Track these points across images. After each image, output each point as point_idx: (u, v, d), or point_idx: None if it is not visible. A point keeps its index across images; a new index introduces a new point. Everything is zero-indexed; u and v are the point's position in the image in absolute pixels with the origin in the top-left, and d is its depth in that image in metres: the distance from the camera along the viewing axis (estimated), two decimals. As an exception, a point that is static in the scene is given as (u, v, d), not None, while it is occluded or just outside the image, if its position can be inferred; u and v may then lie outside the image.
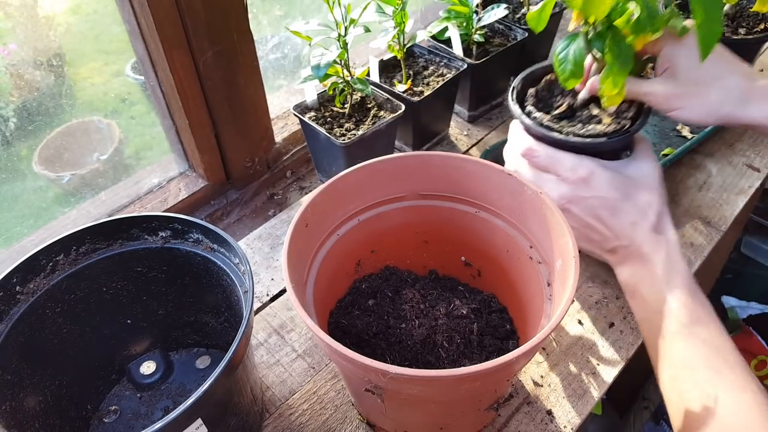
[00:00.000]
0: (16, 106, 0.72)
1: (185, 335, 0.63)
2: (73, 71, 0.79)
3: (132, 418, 0.58)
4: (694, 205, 0.78)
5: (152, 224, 0.54)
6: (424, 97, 0.77)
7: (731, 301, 1.10)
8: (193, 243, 0.54)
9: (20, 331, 0.49)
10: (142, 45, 0.67)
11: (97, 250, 0.54)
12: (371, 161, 0.56)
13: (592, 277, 0.69)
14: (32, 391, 0.51)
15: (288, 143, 0.88)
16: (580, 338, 0.63)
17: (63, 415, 0.55)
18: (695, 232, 0.74)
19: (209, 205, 0.82)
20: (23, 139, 0.74)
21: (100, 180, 0.80)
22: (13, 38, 0.71)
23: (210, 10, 0.66)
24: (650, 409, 1.23)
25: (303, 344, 0.64)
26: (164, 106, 0.74)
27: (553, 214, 0.50)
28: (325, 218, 0.56)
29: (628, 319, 0.65)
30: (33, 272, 0.50)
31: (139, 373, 0.60)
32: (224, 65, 0.71)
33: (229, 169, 0.82)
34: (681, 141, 0.87)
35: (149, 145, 0.87)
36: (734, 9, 0.84)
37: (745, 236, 1.17)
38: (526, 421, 0.56)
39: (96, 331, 0.57)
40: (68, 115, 0.77)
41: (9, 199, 0.75)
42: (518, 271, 0.57)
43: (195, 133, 0.75)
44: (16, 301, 0.49)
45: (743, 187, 0.80)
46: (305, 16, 0.97)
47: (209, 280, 0.55)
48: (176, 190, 0.80)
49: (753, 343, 1.02)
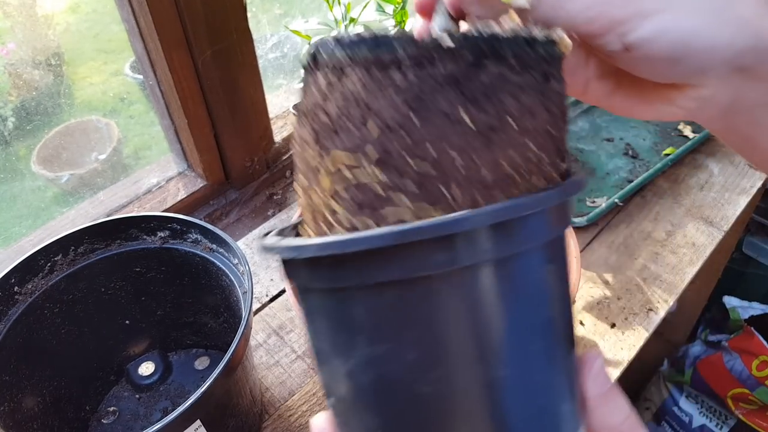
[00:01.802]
0: (15, 105, 0.72)
1: (184, 336, 0.63)
2: (72, 70, 0.79)
3: (131, 419, 0.58)
4: (696, 204, 0.77)
5: (151, 224, 0.54)
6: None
7: (733, 302, 1.10)
8: (192, 243, 0.54)
9: (18, 331, 0.49)
10: (140, 44, 0.67)
11: (96, 250, 0.53)
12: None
13: (594, 278, 0.69)
14: (31, 391, 0.50)
15: (288, 143, 0.88)
16: (581, 339, 0.63)
17: (61, 416, 0.54)
18: (697, 232, 0.74)
19: (208, 205, 0.82)
20: (22, 138, 0.74)
21: (98, 180, 0.80)
22: (12, 37, 0.71)
23: (209, 9, 0.65)
24: (651, 410, 1.23)
25: (303, 345, 0.63)
26: (163, 105, 0.73)
27: (554, 214, 0.50)
28: (325, 218, 0.55)
29: (629, 320, 0.64)
30: (31, 272, 0.50)
31: (138, 373, 0.60)
32: (223, 64, 0.71)
33: (229, 168, 0.81)
34: (682, 141, 0.86)
35: (148, 145, 0.87)
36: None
37: (747, 236, 1.17)
38: (527, 422, 0.56)
39: (94, 331, 0.57)
40: (67, 114, 0.77)
41: (7, 199, 0.75)
42: (519, 272, 0.57)
43: (194, 133, 0.74)
44: (14, 302, 0.49)
45: (745, 187, 0.79)
46: (305, 15, 0.97)
47: (208, 281, 0.55)
48: (175, 190, 0.79)
49: (755, 344, 1.02)
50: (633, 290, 0.68)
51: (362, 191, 0.21)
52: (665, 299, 0.66)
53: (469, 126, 0.21)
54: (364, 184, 0.21)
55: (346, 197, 0.21)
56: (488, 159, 0.21)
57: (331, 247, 0.20)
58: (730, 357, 1.07)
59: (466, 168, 0.21)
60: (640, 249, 0.72)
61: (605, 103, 0.31)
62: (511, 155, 0.22)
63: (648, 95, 0.29)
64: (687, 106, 0.28)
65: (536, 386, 0.22)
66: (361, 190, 0.21)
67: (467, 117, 0.21)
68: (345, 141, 0.21)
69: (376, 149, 0.21)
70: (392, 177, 0.21)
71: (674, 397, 1.18)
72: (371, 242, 0.19)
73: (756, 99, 0.28)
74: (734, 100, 0.28)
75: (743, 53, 0.26)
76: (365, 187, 0.21)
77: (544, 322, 0.22)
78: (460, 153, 0.21)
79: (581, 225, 0.72)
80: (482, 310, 0.20)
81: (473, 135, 0.21)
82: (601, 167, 0.83)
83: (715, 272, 1.12)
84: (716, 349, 1.10)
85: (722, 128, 0.30)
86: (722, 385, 1.08)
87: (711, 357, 1.10)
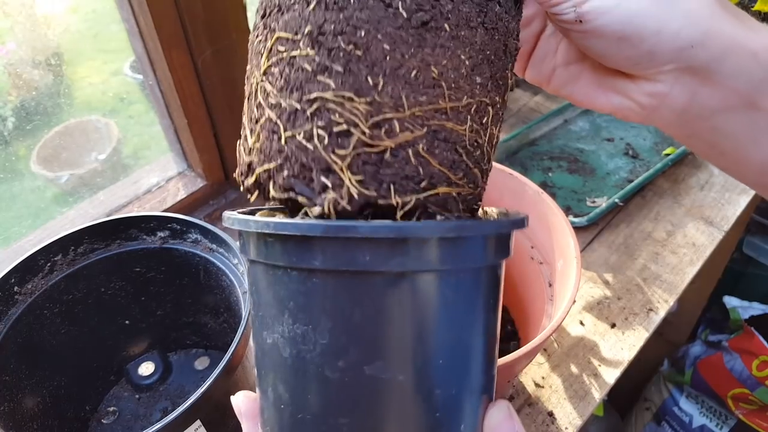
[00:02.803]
0: (14, 105, 0.72)
1: (184, 336, 0.62)
2: (72, 70, 0.79)
3: (130, 420, 0.58)
4: (696, 204, 0.77)
5: (151, 224, 0.54)
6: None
7: (733, 302, 1.10)
8: (192, 243, 0.54)
9: (18, 331, 0.49)
10: (140, 44, 0.67)
11: (96, 250, 0.53)
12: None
13: (594, 278, 0.69)
14: (30, 391, 0.50)
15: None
16: (581, 339, 0.63)
17: (61, 416, 0.54)
18: (697, 232, 0.74)
19: (208, 204, 0.82)
20: (21, 138, 0.74)
21: (98, 180, 0.80)
22: (12, 37, 0.71)
23: (209, 9, 0.65)
24: (652, 410, 1.23)
25: (303, 345, 0.63)
26: (163, 105, 0.73)
27: (554, 214, 0.50)
28: (325, 218, 0.55)
29: (629, 320, 0.64)
30: (31, 272, 0.50)
31: (138, 374, 0.60)
32: (223, 64, 0.71)
33: (228, 168, 0.81)
34: (682, 140, 0.86)
35: (148, 145, 0.86)
36: (736, 8, 0.84)
37: (747, 236, 1.17)
38: (527, 422, 0.56)
39: (94, 331, 0.57)
40: (66, 114, 0.77)
41: (7, 199, 0.75)
42: (519, 272, 0.57)
43: (194, 133, 0.74)
44: (14, 302, 0.49)
45: (745, 187, 0.79)
46: (305, 15, 0.97)
47: (208, 281, 0.55)
48: (175, 189, 0.79)
49: (755, 344, 1.02)
50: (633, 290, 0.68)
51: (293, 68, 0.22)
52: (665, 299, 0.66)
53: (403, 17, 0.21)
54: (295, 60, 0.22)
55: (277, 74, 0.22)
56: (417, 57, 0.21)
57: (268, 226, 0.21)
58: (730, 357, 1.06)
59: (393, 60, 0.21)
60: (641, 249, 0.72)
61: (567, 90, 0.33)
62: (441, 60, 0.22)
63: (605, 85, 0.31)
64: (641, 101, 0.29)
65: (432, 400, 0.22)
66: (292, 66, 0.22)
67: (403, 7, 0.21)
68: (287, 20, 0.22)
69: (312, 27, 0.21)
70: (322, 57, 0.21)
71: (674, 397, 1.18)
72: (303, 229, 0.20)
73: (715, 105, 0.28)
74: (690, 103, 0.28)
75: (691, 47, 0.26)
76: (296, 64, 0.22)
77: (451, 343, 0.22)
78: (390, 43, 0.21)
79: (581, 225, 0.72)
80: (389, 316, 0.21)
81: (406, 29, 0.21)
82: (601, 167, 0.83)
83: (716, 272, 1.12)
84: (716, 349, 1.10)
85: (685, 135, 0.31)
86: (722, 385, 1.08)
87: (711, 357, 1.10)
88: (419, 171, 0.21)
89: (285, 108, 0.22)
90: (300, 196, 0.22)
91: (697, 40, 0.26)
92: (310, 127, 0.21)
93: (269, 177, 0.23)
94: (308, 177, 0.21)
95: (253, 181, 0.24)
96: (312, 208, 0.22)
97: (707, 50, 0.26)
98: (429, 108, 0.21)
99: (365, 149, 0.21)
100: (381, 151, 0.21)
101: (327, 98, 0.21)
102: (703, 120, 0.29)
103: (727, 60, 0.26)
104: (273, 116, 0.22)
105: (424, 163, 0.22)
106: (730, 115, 0.28)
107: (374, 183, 0.21)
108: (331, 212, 0.21)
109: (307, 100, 0.21)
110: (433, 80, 0.21)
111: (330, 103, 0.21)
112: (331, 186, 0.21)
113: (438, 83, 0.22)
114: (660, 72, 0.28)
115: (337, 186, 0.21)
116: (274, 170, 0.22)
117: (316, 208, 0.21)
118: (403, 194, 0.21)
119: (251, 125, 0.24)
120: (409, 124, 0.21)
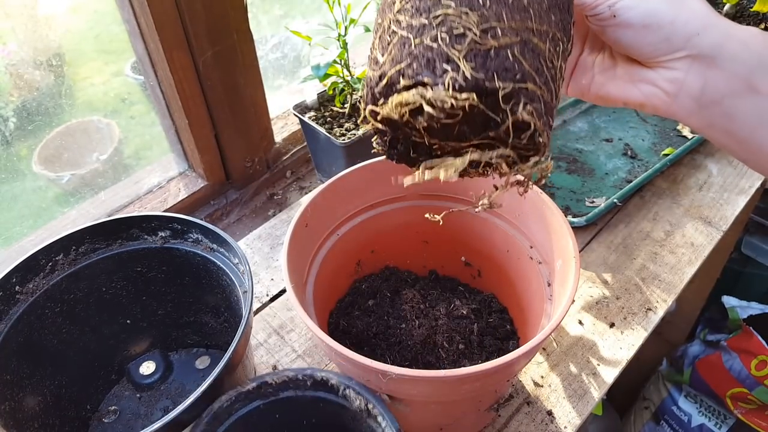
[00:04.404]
0: (16, 106, 0.72)
1: (185, 335, 0.63)
2: (73, 71, 0.79)
3: (131, 419, 0.58)
4: (695, 205, 0.78)
5: (152, 224, 0.54)
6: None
7: (732, 301, 1.10)
8: (193, 243, 0.54)
9: (20, 330, 0.49)
10: (141, 45, 0.67)
11: (97, 250, 0.54)
12: (371, 161, 0.56)
13: (593, 277, 0.69)
14: (31, 391, 0.51)
15: (288, 143, 0.88)
16: (580, 338, 0.63)
17: (62, 415, 0.54)
18: (695, 232, 0.74)
19: (209, 205, 0.82)
20: (23, 139, 0.74)
21: (99, 180, 0.80)
22: (13, 38, 0.71)
23: (210, 10, 0.66)
24: (650, 410, 1.23)
25: (303, 345, 0.63)
26: (164, 105, 0.74)
27: (553, 214, 0.50)
28: (325, 218, 0.56)
29: (628, 320, 0.65)
30: (32, 272, 0.50)
31: (139, 373, 0.60)
32: (224, 65, 0.71)
33: (229, 169, 0.82)
34: (681, 141, 0.86)
35: (149, 145, 0.87)
36: (735, 9, 0.84)
37: (745, 236, 1.17)
38: (526, 421, 0.56)
39: (95, 331, 0.57)
40: (68, 114, 0.77)
41: (8, 199, 0.75)
42: (518, 271, 0.57)
43: (195, 133, 0.75)
44: (15, 301, 0.49)
45: (744, 187, 0.80)
46: (305, 16, 0.97)
47: (209, 280, 0.55)
48: (176, 190, 0.80)
49: (753, 343, 1.02)
50: (632, 290, 0.68)
51: (422, 1, 0.30)
52: (664, 299, 0.67)
53: None
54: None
55: (409, 7, 0.30)
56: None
57: None
58: (728, 356, 1.07)
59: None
60: (639, 249, 0.72)
61: (604, 91, 0.40)
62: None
63: (635, 77, 0.38)
64: (665, 87, 0.36)
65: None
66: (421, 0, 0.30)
67: None
68: None
69: None
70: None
71: (673, 397, 1.19)
72: None
73: (722, 89, 0.34)
74: (704, 88, 0.35)
75: (697, 34, 0.34)
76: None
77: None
78: None
79: (580, 225, 0.72)
80: None
81: None
82: (600, 167, 0.83)
83: (714, 272, 1.12)
84: (715, 349, 1.10)
85: (705, 125, 0.36)
86: (721, 385, 1.08)
87: (710, 356, 1.10)
88: (515, 67, 0.29)
89: (415, 25, 0.30)
90: (426, 78, 0.28)
91: (701, 29, 0.34)
92: (435, 33, 0.29)
93: (400, 74, 0.29)
94: (432, 66, 0.28)
95: (384, 83, 0.30)
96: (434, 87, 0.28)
97: (709, 37, 0.34)
98: (521, 24, 0.29)
99: (476, 46, 0.28)
100: (487, 49, 0.28)
101: (449, 13, 0.29)
102: (716, 105, 0.35)
103: (725, 46, 0.33)
104: (405, 34, 0.30)
105: (518, 62, 0.29)
106: (737, 100, 0.34)
107: (482, 70, 0.28)
108: (449, 86, 0.28)
109: (433, 16, 0.29)
110: (523, 6, 0.30)
111: (451, 16, 0.29)
112: (450, 70, 0.28)
113: (527, 9, 0.30)
114: (675, 59, 0.35)
115: (454, 70, 0.28)
116: (405, 67, 0.29)
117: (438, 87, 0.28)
118: (503, 81, 0.28)
119: (382, 49, 0.31)
120: (507, 32, 0.29)
